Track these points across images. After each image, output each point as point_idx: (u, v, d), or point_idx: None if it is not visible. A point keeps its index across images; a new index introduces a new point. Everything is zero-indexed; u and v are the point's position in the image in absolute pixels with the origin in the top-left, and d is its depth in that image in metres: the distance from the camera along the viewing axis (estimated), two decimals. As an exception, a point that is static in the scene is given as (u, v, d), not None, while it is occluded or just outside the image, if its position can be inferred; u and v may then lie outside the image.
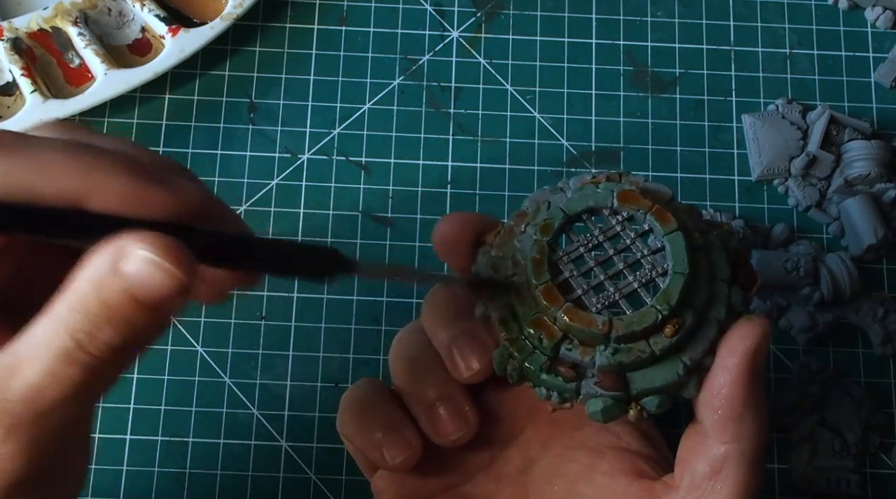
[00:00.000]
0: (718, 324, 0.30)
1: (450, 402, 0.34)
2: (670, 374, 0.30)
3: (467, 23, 0.51)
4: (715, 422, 0.30)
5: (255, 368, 0.45)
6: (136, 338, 0.25)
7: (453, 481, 0.36)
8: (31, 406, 0.24)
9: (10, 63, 0.48)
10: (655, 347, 0.30)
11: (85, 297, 0.24)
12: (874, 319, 0.45)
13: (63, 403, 0.24)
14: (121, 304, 0.24)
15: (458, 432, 0.33)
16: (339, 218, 0.47)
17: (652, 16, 0.51)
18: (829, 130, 0.47)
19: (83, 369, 0.24)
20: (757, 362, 0.29)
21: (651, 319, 0.30)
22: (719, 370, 0.30)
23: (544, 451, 0.35)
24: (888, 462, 0.44)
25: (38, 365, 0.24)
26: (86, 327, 0.24)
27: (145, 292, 0.24)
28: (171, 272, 0.24)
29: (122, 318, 0.24)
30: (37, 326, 0.24)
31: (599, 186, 0.32)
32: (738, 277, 0.31)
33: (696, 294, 0.30)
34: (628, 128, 0.49)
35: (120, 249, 0.24)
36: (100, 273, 0.24)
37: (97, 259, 0.24)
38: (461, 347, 0.33)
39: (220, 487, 0.44)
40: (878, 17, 0.50)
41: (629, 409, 0.31)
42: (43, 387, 0.24)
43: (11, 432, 0.24)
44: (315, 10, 0.51)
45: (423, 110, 0.49)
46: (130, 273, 0.23)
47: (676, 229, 0.30)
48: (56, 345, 0.24)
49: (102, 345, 0.24)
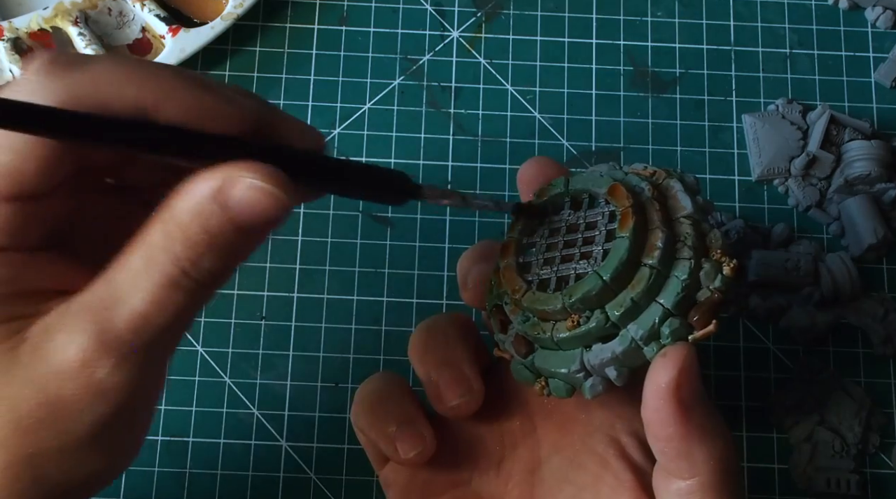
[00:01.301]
0: (634, 342, 0.29)
1: (454, 369, 0.34)
2: (565, 365, 0.31)
3: (467, 23, 0.51)
4: (666, 461, 0.30)
5: (255, 368, 0.45)
6: (236, 262, 0.25)
7: (463, 477, 0.36)
8: (139, 334, 0.24)
9: (10, 63, 0.48)
10: (554, 333, 0.30)
11: (187, 226, 0.24)
12: (874, 319, 0.45)
13: (168, 329, 0.25)
14: (223, 232, 0.24)
15: (460, 399, 0.34)
16: (340, 218, 0.47)
17: (652, 16, 0.51)
18: (829, 129, 0.47)
19: (186, 296, 0.24)
20: (684, 394, 0.28)
21: (554, 304, 0.30)
22: (649, 413, 0.29)
23: (554, 452, 0.35)
24: (888, 462, 0.44)
25: (142, 294, 0.24)
26: (190, 256, 0.24)
27: (249, 219, 0.24)
28: (276, 197, 0.24)
29: (225, 245, 0.24)
30: (133, 256, 0.24)
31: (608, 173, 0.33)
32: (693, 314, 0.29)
33: (617, 302, 0.29)
34: (628, 128, 0.49)
35: (223, 179, 0.24)
36: (202, 203, 0.24)
37: (197, 189, 0.24)
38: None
39: (220, 487, 0.44)
40: (879, 17, 0.50)
41: (536, 381, 0.32)
42: (149, 315, 0.24)
43: (122, 362, 0.24)
44: (315, 10, 0.51)
45: (424, 110, 0.49)
46: (235, 201, 0.24)
47: (626, 236, 0.30)
48: (159, 273, 0.24)
49: (205, 272, 0.24)
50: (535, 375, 0.32)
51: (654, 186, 0.31)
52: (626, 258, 0.29)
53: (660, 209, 0.30)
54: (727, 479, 0.30)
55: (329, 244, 0.47)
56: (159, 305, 0.24)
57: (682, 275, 0.29)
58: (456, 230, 0.47)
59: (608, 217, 0.31)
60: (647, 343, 0.29)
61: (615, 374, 0.30)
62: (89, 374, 0.24)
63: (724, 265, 0.30)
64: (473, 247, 0.36)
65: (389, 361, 0.46)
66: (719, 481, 0.29)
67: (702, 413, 0.29)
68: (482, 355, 0.36)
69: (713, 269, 0.30)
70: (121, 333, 0.24)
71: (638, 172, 0.33)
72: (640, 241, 0.30)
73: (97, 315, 0.24)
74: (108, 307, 0.24)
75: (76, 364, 0.24)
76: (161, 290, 0.24)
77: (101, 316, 0.24)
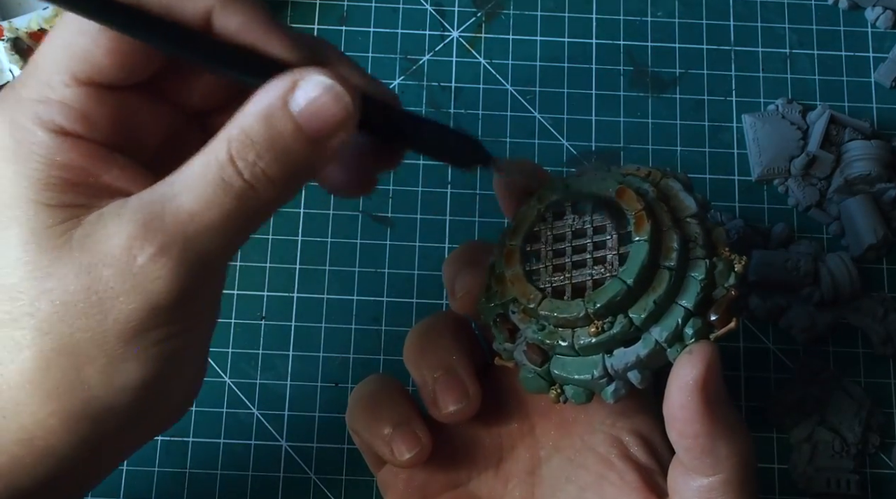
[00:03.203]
0: (657, 345, 0.29)
1: (450, 374, 0.34)
2: (587, 371, 0.30)
3: (467, 23, 0.51)
4: (690, 458, 0.30)
5: (255, 368, 0.45)
6: (294, 171, 0.25)
7: (461, 478, 0.36)
8: (182, 228, 0.24)
9: (10, 63, 0.48)
10: (576, 340, 0.30)
11: (250, 126, 0.24)
12: (874, 319, 0.45)
13: (214, 230, 0.24)
14: (285, 131, 0.24)
15: (457, 405, 0.33)
16: (340, 218, 0.47)
17: (652, 16, 0.51)
18: (829, 129, 0.47)
19: (237, 198, 0.24)
20: (710, 391, 0.28)
21: (576, 311, 0.30)
22: (675, 410, 0.29)
23: (554, 452, 0.35)
24: (888, 462, 0.44)
25: (194, 193, 0.24)
26: (247, 154, 0.24)
27: (314, 122, 0.24)
28: (343, 101, 0.24)
29: (285, 146, 0.24)
30: (195, 160, 0.24)
31: (609, 174, 0.33)
32: (712, 313, 0.30)
33: (640, 306, 0.29)
34: (628, 128, 0.49)
35: (293, 80, 0.24)
36: (269, 102, 0.24)
37: (267, 91, 0.24)
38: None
39: (220, 487, 0.44)
40: (879, 17, 0.50)
41: (551, 389, 0.32)
42: (196, 212, 0.24)
43: (163, 251, 0.24)
44: (315, 10, 0.51)
45: (424, 110, 0.49)
46: (302, 102, 0.24)
47: (645, 240, 0.30)
48: (213, 172, 0.24)
49: (260, 173, 0.24)
50: (550, 383, 0.32)
51: (655, 187, 0.31)
52: (647, 262, 0.29)
53: (669, 210, 0.31)
54: (748, 477, 0.30)
55: (329, 244, 0.47)
56: (208, 204, 0.24)
57: (699, 275, 0.30)
58: (456, 230, 0.47)
59: (617, 220, 0.31)
60: (670, 345, 0.29)
61: (638, 377, 0.30)
62: (130, 260, 0.24)
63: (734, 263, 0.30)
64: (458, 250, 0.35)
65: (389, 361, 0.46)
66: (741, 478, 0.30)
67: (726, 411, 0.29)
68: (478, 356, 0.35)
69: (726, 267, 0.30)
70: (167, 226, 0.24)
71: (632, 172, 0.33)
72: (657, 244, 0.30)
73: (148, 207, 0.24)
74: (160, 202, 0.24)
75: (118, 250, 0.24)
76: (211, 188, 0.24)
77: (151, 208, 0.24)
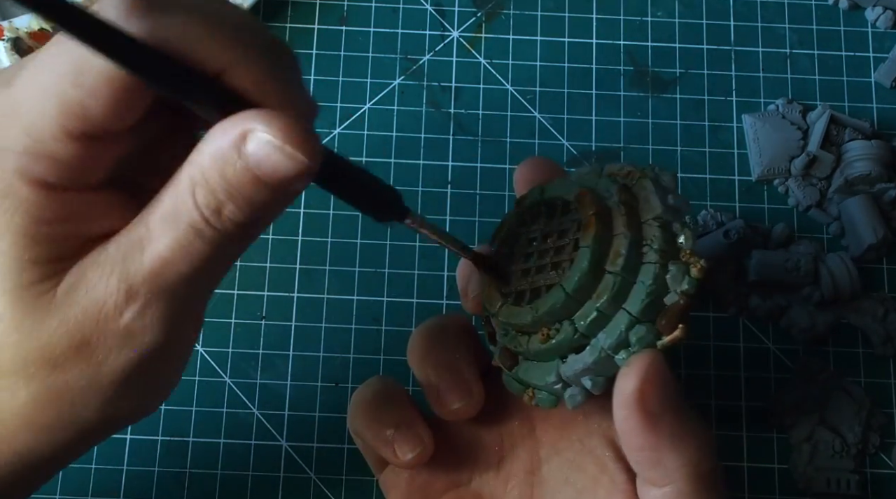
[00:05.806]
0: (603, 352, 0.29)
1: (454, 372, 0.34)
2: (544, 377, 0.30)
3: (467, 23, 0.51)
4: (641, 470, 0.30)
5: (255, 368, 0.45)
6: (258, 215, 0.25)
7: (462, 477, 0.36)
8: (162, 278, 0.24)
9: (10, 63, 0.48)
10: (529, 347, 0.30)
11: (207, 172, 0.24)
12: (874, 319, 0.45)
13: (193, 276, 0.24)
14: (242, 181, 0.24)
15: (460, 403, 0.34)
16: (340, 218, 0.47)
17: (652, 16, 0.51)
18: (830, 129, 0.47)
19: (209, 243, 0.24)
20: (651, 404, 0.28)
21: (524, 318, 0.30)
22: (619, 422, 0.29)
23: (553, 453, 0.35)
24: (888, 462, 0.44)
25: (168, 237, 0.24)
26: (210, 203, 0.24)
27: (272, 175, 0.23)
28: (292, 156, 0.23)
29: (244, 196, 0.24)
30: (165, 198, 0.24)
31: (587, 175, 0.33)
32: (660, 320, 0.29)
33: (583, 313, 0.29)
34: (628, 128, 0.49)
35: (244, 128, 0.23)
36: (222, 150, 0.24)
37: (220, 135, 0.24)
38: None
39: (220, 487, 0.44)
40: (879, 17, 0.50)
41: (524, 392, 0.32)
42: (172, 260, 0.24)
43: (148, 304, 0.24)
44: (315, 10, 0.51)
45: (424, 110, 0.49)
46: (251, 153, 0.23)
47: (587, 246, 0.29)
48: (183, 218, 0.24)
49: (227, 222, 0.24)
50: (524, 386, 0.32)
51: (625, 189, 0.31)
52: (587, 269, 0.29)
53: (626, 213, 0.30)
54: (703, 484, 0.29)
55: (329, 244, 0.47)
56: (182, 251, 0.24)
57: (647, 280, 0.29)
58: (456, 230, 0.47)
59: (577, 225, 0.30)
60: (616, 352, 0.29)
61: (591, 383, 0.30)
62: (116, 316, 0.24)
63: (691, 266, 0.29)
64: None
65: (389, 361, 0.46)
66: (695, 487, 0.29)
67: (671, 421, 0.29)
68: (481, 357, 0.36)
69: (680, 271, 0.29)
70: (145, 277, 0.24)
71: (615, 172, 0.32)
72: (603, 249, 0.29)
73: (126, 257, 0.24)
74: (137, 249, 0.24)
75: (103, 305, 0.24)
76: (184, 235, 0.24)
77: (128, 258, 0.24)
